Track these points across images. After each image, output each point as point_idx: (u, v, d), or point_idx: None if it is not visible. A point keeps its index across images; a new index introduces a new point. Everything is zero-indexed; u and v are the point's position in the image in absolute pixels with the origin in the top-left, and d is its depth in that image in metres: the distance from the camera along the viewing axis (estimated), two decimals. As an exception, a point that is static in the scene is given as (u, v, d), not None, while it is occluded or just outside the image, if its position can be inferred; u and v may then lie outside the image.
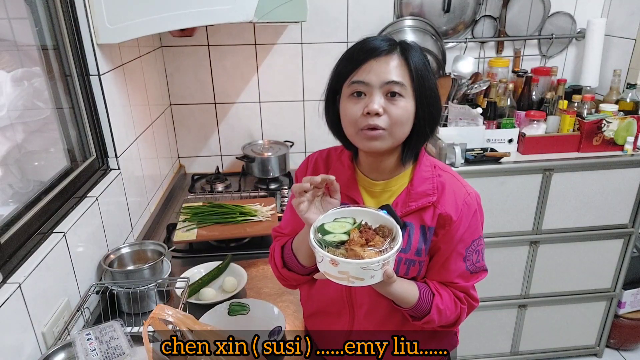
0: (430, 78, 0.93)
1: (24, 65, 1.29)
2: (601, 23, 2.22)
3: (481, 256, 1.04)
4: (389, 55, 0.91)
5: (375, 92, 0.90)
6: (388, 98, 0.91)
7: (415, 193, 0.98)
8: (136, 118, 1.73)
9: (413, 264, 1.00)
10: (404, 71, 0.91)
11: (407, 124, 0.93)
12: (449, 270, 1.02)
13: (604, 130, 2.03)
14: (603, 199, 2.09)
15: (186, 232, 1.66)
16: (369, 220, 0.91)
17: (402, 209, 0.98)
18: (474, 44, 2.35)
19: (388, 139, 0.93)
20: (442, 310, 0.99)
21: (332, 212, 0.91)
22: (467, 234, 0.99)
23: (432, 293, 1.00)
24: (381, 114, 0.90)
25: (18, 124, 1.27)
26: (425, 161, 1.02)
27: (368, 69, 0.91)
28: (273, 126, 2.35)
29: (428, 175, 1.00)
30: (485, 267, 1.06)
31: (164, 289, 1.35)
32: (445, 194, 0.98)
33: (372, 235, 0.87)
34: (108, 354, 0.95)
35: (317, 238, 0.86)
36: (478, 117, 2.03)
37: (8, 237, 1.03)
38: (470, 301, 1.05)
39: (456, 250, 1.00)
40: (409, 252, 0.99)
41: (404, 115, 0.91)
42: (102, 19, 1.37)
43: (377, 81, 0.90)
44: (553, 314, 2.34)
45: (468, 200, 0.99)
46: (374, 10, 2.18)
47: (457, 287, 1.03)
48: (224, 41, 2.17)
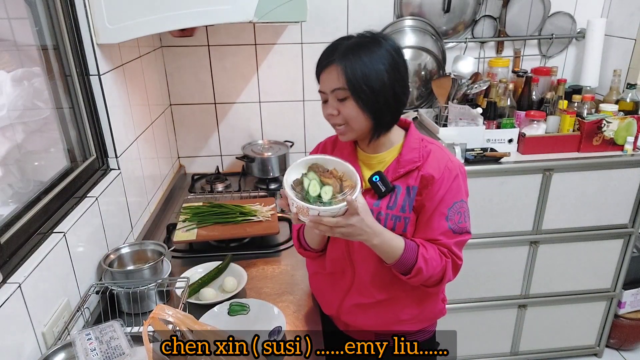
0: (373, 74, 1.04)
1: (24, 65, 1.29)
2: (601, 23, 2.21)
3: (463, 218, 1.14)
4: (330, 67, 1.07)
5: (329, 98, 1.09)
6: (339, 101, 1.08)
7: (404, 160, 1.14)
8: (136, 118, 1.73)
9: (399, 220, 1.13)
10: (342, 78, 1.05)
11: (359, 117, 1.08)
12: (432, 229, 1.13)
13: (604, 130, 2.03)
14: (603, 199, 2.09)
15: (186, 232, 1.66)
16: (300, 171, 1.05)
17: (393, 175, 1.14)
18: (474, 44, 2.35)
19: (351, 132, 1.11)
20: (427, 259, 1.09)
21: (289, 176, 1.05)
22: (449, 195, 1.11)
23: (417, 245, 1.11)
24: (335, 114, 1.09)
25: (18, 124, 1.27)
26: (414, 135, 1.18)
27: (322, 79, 1.10)
28: (273, 126, 2.35)
29: (415, 146, 1.15)
30: (468, 230, 1.16)
31: (164, 289, 1.35)
32: (429, 159, 1.13)
33: (327, 174, 1.03)
34: (108, 354, 0.95)
35: (321, 204, 0.98)
36: (478, 117, 2.03)
37: (8, 237, 1.02)
38: (454, 257, 1.14)
39: (438, 209, 1.11)
40: (394, 209, 1.12)
41: (352, 112, 1.07)
42: (102, 19, 1.37)
43: (328, 89, 1.08)
44: (553, 314, 2.34)
45: (450, 165, 1.12)
46: (374, 10, 2.18)
47: (440, 243, 1.13)
48: (224, 41, 2.17)
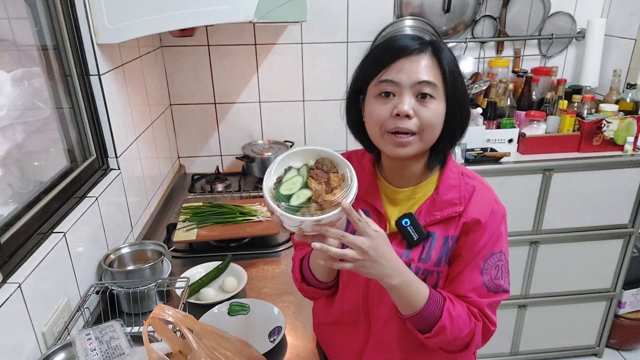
0: (461, 80, 0.89)
1: (24, 65, 1.29)
2: (601, 23, 2.22)
3: (501, 273, 0.93)
4: (420, 54, 0.86)
5: (405, 93, 0.85)
6: (418, 99, 0.86)
7: (441, 201, 0.92)
8: (136, 118, 1.73)
9: (430, 274, 0.93)
10: (435, 71, 0.86)
11: (437, 127, 0.88)
12: (463, 282, 0.92)
13: (604, 130, 2.03)
14: (603, 199, 2.10)
15: (186, 232, 1.66)
16: (303, 160, 0.87)
17: (426, 218, 0.92)
18: (474, 44, 2.35)
19: (417, 144, 0.88)
20: (454, 317, 0.88)
21: (271, 171, 0.86)
22: (489, 244, 0.91)
23: (444, 297, 0.91)
24: (412, 116, 0.85)
25: (18, 124, 1.27)
26: (453, 167, 0.95)
27: (398, 67, 0.85)
28: (273, 126, 2.35)
29: (455, 183, 0.93)
30: (505, 288, 0.94)
31: (164, 289, 1.35)
32: (473, 201, 0.92)
33: (324, 175, 0.83)
34: (108, 354, 0.95)
35: (285, 207, 0.81)
36: (478, 117, 2.03)
37: (8, 237, 1.02)
38: (486, 321, 0.93)
39: (474, 261, 0.92)
40: (428, 263, 0.92)
41: (435, 118, 0.86)
42: (102, 19, 1.37)
43: (407, 81, 0.84)
44: (553, 314, 2.34)
45: (496, 209, 0.93)
46: (374, 10, 2.18)
47: (470, 301, 0.92)
48: (224, 41, 2.17)
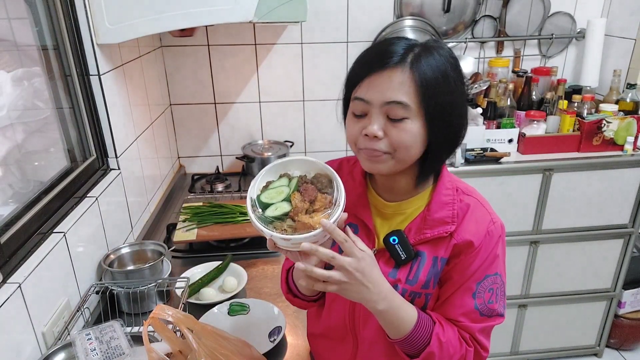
0: (447, 92, 0.80)
1: (24, 65, 1.29)
2: (601, 23, 2.21)
3: (495, 296, 0.87)
4: (395, 69, 0.78)
5: (374, 112, 0.80)
6: (389, 120, 0.80)
7: (432, 220, 0.86)
8: (136, 118, 1.73)
9: (418, 296, 0.88)
10: (410, 88, 0.78)
11: (413, 147, 0.81)
12: (454, 306, 0.87)
13: (604, 130, 2.03)
14: (603, 199, 2.10)
15: (186, 232, 1.66)
16: (301, 170, 0.83)
17: (416, 236, 0.87)
18: (474, 44, 2.35)
19: (390, 162, 0.82)
20: (443, 343, 0.84)
21: (263, 175, 0.83)
22: (483, 266, 0.86)
23: (433, 321, 0.86)
24: (380, 137, 0.80)
25: (18, 124, 1.27)
26: (447, 183, 0.89)
27: (369, 84, 0.80)
28: (273, 126, 2.35)
29: (448, 200, 0.87)
30: (499, 312, 0.89)
31: (164, 289, 1.35)
32: (466, 221, 0.86)
33: (313, 192, 0.78)
34: (108, 354, 0.95)
35: (257, 215, 0.78)
36: (478, 117, 2.03)
37: (8, 237, 1.02)
38: (477, 346, 0.88)
39: (466, 284, 0.86)
40: (415, 284, 0.87)
41: (408, 138, 0.80)
42: (102, 19, 1.37)
43: (378, 100, 0.79)
44: (553, 314, 2.34)
45: (491, 229, 0.86)
46: (374, 10, 2.18)
47: (461, 326, 0.87)
48: (224, 41, 2.17)
